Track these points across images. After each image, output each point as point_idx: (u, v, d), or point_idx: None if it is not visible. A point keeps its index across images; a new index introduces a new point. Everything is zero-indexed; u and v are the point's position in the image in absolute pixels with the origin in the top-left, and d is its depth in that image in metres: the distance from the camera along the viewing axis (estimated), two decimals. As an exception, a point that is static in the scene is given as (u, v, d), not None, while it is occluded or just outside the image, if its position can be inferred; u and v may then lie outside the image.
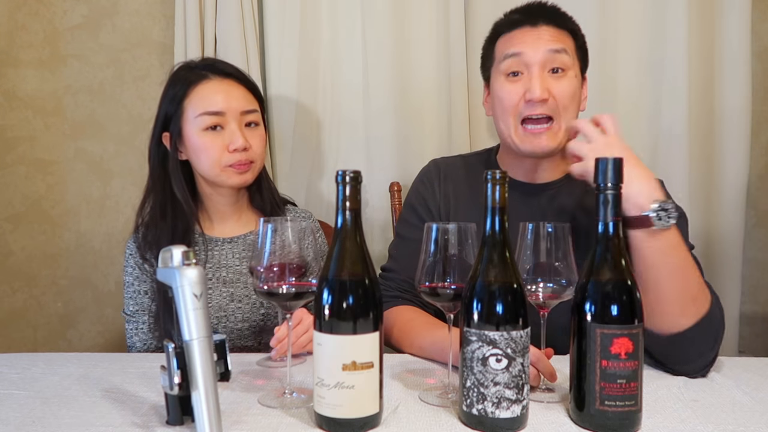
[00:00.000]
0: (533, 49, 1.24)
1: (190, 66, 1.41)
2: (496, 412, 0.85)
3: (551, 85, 1.23)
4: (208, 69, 1.38)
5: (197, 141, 1.35)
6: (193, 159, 1.38)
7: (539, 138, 1.24)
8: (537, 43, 1.24)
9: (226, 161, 1.35)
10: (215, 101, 1.34)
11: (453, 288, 0.95)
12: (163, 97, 1.40)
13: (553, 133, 1.24)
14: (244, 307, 1.40)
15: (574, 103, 1.26)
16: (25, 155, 1.98)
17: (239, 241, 1.45)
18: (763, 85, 1.97)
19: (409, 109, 1.89)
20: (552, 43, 1.24)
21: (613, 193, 0.87)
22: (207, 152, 1.35)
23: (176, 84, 1.38)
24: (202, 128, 1.34)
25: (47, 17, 1.95)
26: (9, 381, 1.07)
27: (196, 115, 1.34)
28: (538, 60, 1.23)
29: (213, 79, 1.37)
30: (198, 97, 1.35)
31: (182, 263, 0.84)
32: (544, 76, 1.23)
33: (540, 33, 1.25)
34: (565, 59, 1.24)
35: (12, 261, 2.00)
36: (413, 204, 1.43)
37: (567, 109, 1.24)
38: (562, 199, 1.33)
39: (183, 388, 0.83)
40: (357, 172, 0.88)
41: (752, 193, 1.98)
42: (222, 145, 1.34)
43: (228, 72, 1.39)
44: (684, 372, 1.08)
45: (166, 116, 1.38)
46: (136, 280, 1.41)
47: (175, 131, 1.37)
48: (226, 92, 1.36)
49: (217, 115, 1.34)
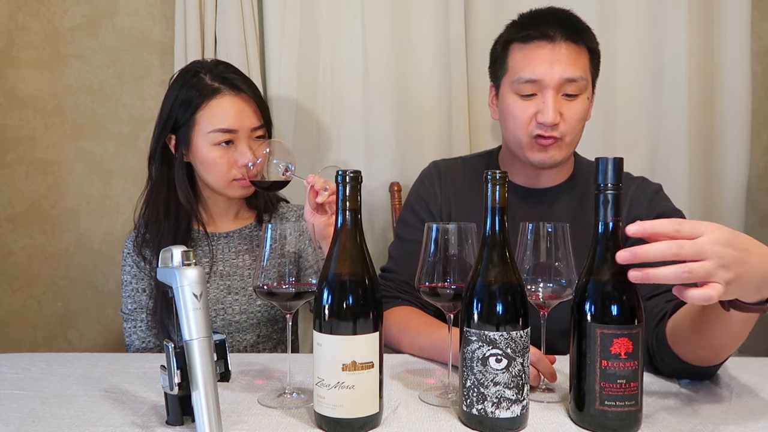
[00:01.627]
0: (549, 75, 1.23)
1: (203, 71, 1.38)
2: (496, 412, 0.85)
3: (563, 108, 1.24)
4: (224, 83, 1.37)
5: (207, 154, 1.35)
6: (199, 169, 1.39)
7: (548, 150, 1.27)
8: (554, 67, 1.22)
9: (233, 175, 1.36)
10: (229, 119, 1.34)
11: (453, 288, 0.95)
12: (172, 98, 1.38)
13: (561, 147, 1.27)
14: (241, 299, 1.41)
15: (582, 122, 1.29)
16: (25, 155, 1.98)
17: (235, 235, 1.46)
18: (763, 85, 1.97)
19: (409, 109, 1.89)
20: (569, 69, 1.22)
21: (613, 193, 0.87)
22: (216, 167, 1.36)
23: (189, 90, 1.36)
24: (212, 143, 1.35)
25: (47, 17, 1.95)
26: (9, 381, 1.07)
27: (209, 131, 1.34)
28: (554, 85, 1.23)
29: (227, 95, 1.36)
30: (212, 113, 1.35)
31: (182, 263, 0.84)
32: (557, 99, 1.24)
33: (558, 53, 1.23)
34: (580, 85, 1.25)
35: (12, 261, 2.00)
36: (413, 205, 1.43)
37: (575, 128, 1.26)
38: (562, 203, 1.33)
39: (183, 388, 0.83)
40: (357, 172, 0.88)
41: (752, 193, 1.98)
42: (231, 160, 1.36)
43: (241, 88, 1.38)
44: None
45: (176, 121, 1.37)
46: (133, 278, 1.42)
47: (184, 139, 1.37)
48: (240, 110, 1.36)
49: (229, 132, 1.34)
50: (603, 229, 0.88)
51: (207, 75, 1.38)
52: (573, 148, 1.30)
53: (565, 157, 1.29)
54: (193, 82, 1.37)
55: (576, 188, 1.34)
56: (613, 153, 0.91)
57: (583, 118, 1.28)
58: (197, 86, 1.36)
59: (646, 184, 1.33)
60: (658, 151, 1.90)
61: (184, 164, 1.39)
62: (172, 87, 1.40)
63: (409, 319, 1.26)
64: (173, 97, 1.38)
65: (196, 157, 1.38)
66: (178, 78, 1.40)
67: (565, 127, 1.25)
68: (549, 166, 1.29)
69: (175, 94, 1.37)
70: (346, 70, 1.88)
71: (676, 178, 1.84)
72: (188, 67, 1.43)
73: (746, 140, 1.90)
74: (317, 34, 1.88)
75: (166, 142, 1.40)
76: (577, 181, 1.36)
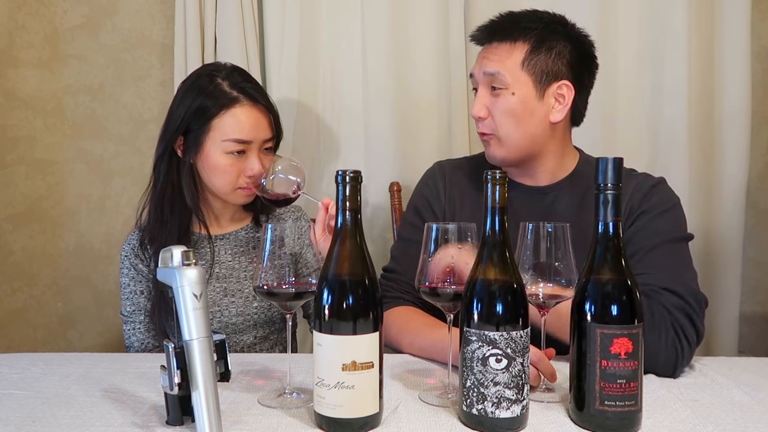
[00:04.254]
0: (478, 70, 1.29)
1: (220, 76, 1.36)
2: (496, 412, 0.85)
3: (490, 102, 1.27)
4: (242, 92, 1.35)
5: (217, 161, 1.34)
6: (206, 173, 1.37)
7: (488, 146, 1.31)
8: (481, 63, 1.29)
9: (239, 183, 1.36)
10: (245, 130, 1.34)
11: (453, 288, 0.95)
12: (187, 104, 1.35)
13: (498, 143, 1.29)
14: (237, 301, 1.41)
15: (511, 119, 1.25)
16: (25, 155, 1.98)
17: (231, 237, 1.46)
18: (763, 85, 1.97)
19: (409, 109, 1.89)
20: (490, 64, 1.26)
21: (613, 193, 0.87)
22: (225, 175, 1.35)
23: (206, 98, 1.33)
24: (225, 151, 1.34)
25: (47, 17, 1.95)
26: (9, 381, 1.07)
27: (224, 140, 1.33)
28: (481, 80, 1.29)
29: (245, 105, 1.34)
30: (229, 123, 1.33)
31: (182, 263, 0.84)
32: (485, 94, 1.28)
33: (488, 52, 1.29)
34: (502, 79, 1.25)
35: (12, 261, 2.00)
36: (417, 206, 1.43)
37: (503, 125, 1.26)
38: (563, 201, 1.33)
39: (183, 388, 0.83)
40: (357, 172, 0.88)
41: (752, 193, 1.98)
42: (240, 169, 1.35)
43: (258, 99, 1.36)
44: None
45: (188, 126, 1.35)
46: (132, 281, 1.42)
47: (194, 143, 1.35)
48: (256, 121, 1.35)
49: (244, 143, 1.34)
50: (603, 229, 0.88)
51: (225, 81, 1.35)
52: (515, 146, 1.27)
53: (507, 154, 1.28)
54: (210, 89, 1.34)
55: (578, 185, 1.33)
56: (612, 153, 0.91)
57: (512, 114, 1.25)
58: (214, 94, 1.34)
59: (647, 179, 1.32)
60: (658, 151, 1.90)
61: (190, 166, 1.39)
62: (186, 92, 1.36)
63: (410, 319, 1.26)
64: (188, 104, 1.34)
65: (205, 162, 1.36)
66: (194, 83, 1.36)
67: (491, 122, 1.27)
68: (493, 162, 1.32)
69: (190, 101, 1.34)
70: (346, 71, 1.88)
71: (676, 178, 1.84)
72: (203, 71, 1.40)
73: (746, 140, 1.90)
74: (317, 35, 1.88)
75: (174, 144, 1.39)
76: (579, 178, 1.36)
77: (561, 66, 1.25)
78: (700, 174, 1.91)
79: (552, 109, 1.27)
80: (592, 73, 1.32)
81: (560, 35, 1.26)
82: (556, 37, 1.26)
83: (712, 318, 1.90)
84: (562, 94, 1.26)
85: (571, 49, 1.26)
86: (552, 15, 1.29)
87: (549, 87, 1.25)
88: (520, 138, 1.26)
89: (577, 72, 1.28)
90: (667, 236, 1.21)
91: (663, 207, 1.24)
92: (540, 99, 1.25)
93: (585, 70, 1.30)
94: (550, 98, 1.26)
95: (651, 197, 1.26)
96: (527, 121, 1.26)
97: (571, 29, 1.29)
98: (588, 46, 1.30)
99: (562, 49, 1.26)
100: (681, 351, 1.08)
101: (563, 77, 1.26)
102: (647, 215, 1.23)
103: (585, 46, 1.29)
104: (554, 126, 1.28)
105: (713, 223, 1.93)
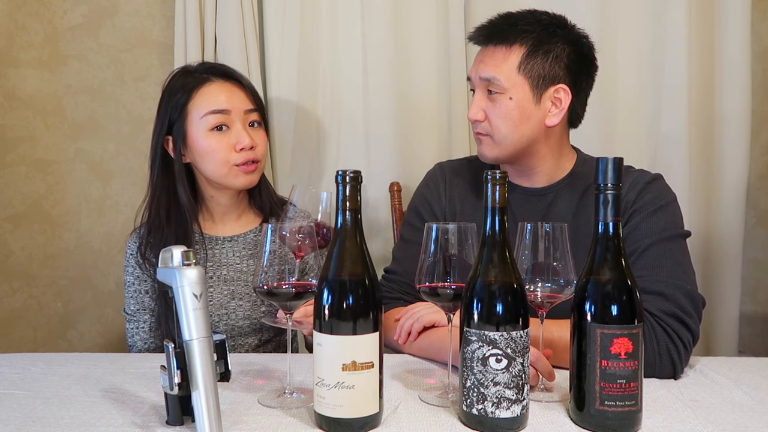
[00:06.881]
0: (474, 73, 1.29)
1: (188, 71, 1.42)
2: (496, 412, 0.85)
3: (487, 106, 1.27)
4: (209, 72, 1.40)
5: (204, 143, 1.36)
6: (198, 162, 1.39)
7: (480, 144, 1.31)
8: (477, 67, 1.28)
9: (233, 160, 1.36)
10: (220, 100, 1.36)
11: (453, 288, 0.95)
12: (162, 106, 1.40)
13: (491, 144, 1.28)
14: (245, 305, 1.41)
15: (508, 123, 1.25)
16: (25, 155, 1.98)
17: (239, 239, 1.45)
18: (763, 86, 1.97)
19: (409, 109, 1.89)
20: (486, 68, 1.25)
21: (613, 193, 0.87)
22: (214, 154, 1.36)
23: (176, 92, 1.38)
24: (208, 129, 1.35)
25: (47, 17, 1.95)
26: (9, 381, 1.07)
27: (202, 116, 1.35)
28: (478, 83, 1.29)
29: (215, 81, 1.39)
30: (201, 98, 1.36)
31: (182, 263, 0.84)
32: (482, 97, 1.27)
33: (485, 55, 1.28)
34: (498, 84, 1.24)
35: (12, 261, 2.00)
36: (417, 207, 1.43)
37: (500, 128, 1.26)
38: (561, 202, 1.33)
39: (183, 388, 0.83)
40: (357, 172, 0.88)
41: (752, 193, 1.98)
42: (229, 144, 1.36)
43: (228, 74, 1.40)
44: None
45: (169, 122, 1.38)
46: (136, 279, 1.42)
47: (179, 136, 1.37)
48: (230, 92, 1.38)
49: (222, 113, 1.35)
50: (603, 229, 0.88)
51: (194, 71, 1.41)
52: (508, 147, 1.27)
53: (500, 153, 1.28)
54: (179, 82, 1.39)
55: (576, 186, 1.33)
56: (612, 153, 0.91)
57: (507, 118, 1.24)
58: (185, 80, 1.39)
59: (642, 176, 1.31)
60: (658, 151, 1.90)
61: (183, 165, 1.39)
62: (163, 96, 1.42)
63: (410, 319, 1.26)
64: (165, 104, 1.40)
65: (193, 149, 1.37)
66: (168, 85, 1.42)
67: (488, 124, 1.27)
68: (485, 161, 1.33)
69: (166, 102, 1.40)
70: (346, 71, 1.88)
71: (676, 178, 1.83)
72: (175, 73, 1.45)
73: (746, 140, 1.90)
74: (317, 35, 1.88)
75: (164, 146, 1.40)
76: (576, 179, 1.35)
77: (558, 69, 1.24)
78: (700, 174, 1.91)
79: (548, 112, 1.25)
80: (591, 76, 1.30)
81: (558, 38, 1.24)
82: (554, 40, 1.24)
83: (712, 318, 1.90)
84: (559, 98, 1.25)
85: (569, 52, 1.25)
86: (551, 16, 1.28)
87: (546, 91, 1.24)
88: (516, 140, 1.26)
89: (575, 75, 1.26)
90: (660, 235, 1.19)
91: (656, 205, 1.23)
92: (537, 103, 1.24)
93: (583, 74, 1.28)
94: (547, 102, 1.25)
95: (644, 195, 1.25)
96: (524, 124, 1.25)
97: (570, 31, 1.27)
98: (587, 49, 1.28)
99: (559, 53, 1.24)
100: (678, 356, 1.08)
101: (560, 81, 1.24)
102: (640, 214, 1.22)
103: (584, 48, 1.27)
104: (550, 129, 1.27)
105: (713, 223, 1.93)
